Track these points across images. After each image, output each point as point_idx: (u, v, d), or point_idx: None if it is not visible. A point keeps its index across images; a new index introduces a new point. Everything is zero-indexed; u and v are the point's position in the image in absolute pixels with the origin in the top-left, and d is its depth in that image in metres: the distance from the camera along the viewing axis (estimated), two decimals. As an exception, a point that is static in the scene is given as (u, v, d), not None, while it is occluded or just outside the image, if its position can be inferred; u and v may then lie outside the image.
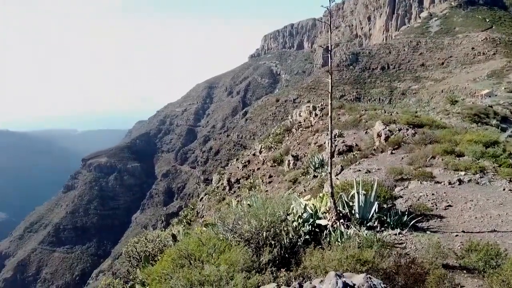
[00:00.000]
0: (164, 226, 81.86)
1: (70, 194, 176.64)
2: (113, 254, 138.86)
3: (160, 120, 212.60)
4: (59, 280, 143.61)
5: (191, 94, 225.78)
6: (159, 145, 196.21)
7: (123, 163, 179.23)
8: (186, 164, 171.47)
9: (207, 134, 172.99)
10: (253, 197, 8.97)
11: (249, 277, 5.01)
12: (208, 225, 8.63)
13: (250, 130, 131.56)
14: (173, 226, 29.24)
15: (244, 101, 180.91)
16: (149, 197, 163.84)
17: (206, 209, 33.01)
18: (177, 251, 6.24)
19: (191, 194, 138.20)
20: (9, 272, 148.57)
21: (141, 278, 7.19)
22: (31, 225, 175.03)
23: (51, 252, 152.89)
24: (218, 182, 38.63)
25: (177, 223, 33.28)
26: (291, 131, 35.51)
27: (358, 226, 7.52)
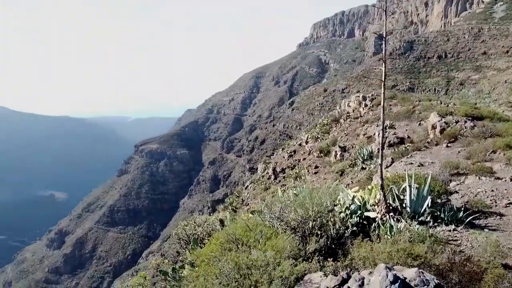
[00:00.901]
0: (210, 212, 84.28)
1: (124, 178, 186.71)
2: (162, 236, 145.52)
3: (208, 109, 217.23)
4: (112, 258, 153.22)
5: (238, 84, 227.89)
6: (206, 133, 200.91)
7: (173, 150, 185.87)
8: (232, 152, 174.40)
9: (253, 123, 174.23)
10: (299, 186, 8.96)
11: (295, 264, 5.05)
12: (254, 212, 8.77)
13: (296, 120, 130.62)
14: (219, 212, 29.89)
15: (291, 90, 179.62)
16: (196, 184, 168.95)
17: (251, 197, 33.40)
18: (225, 235, 6.41)
19: (237, 182, 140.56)
20: (68, 248, 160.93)
21: (190, 259, 7.48)
22: (88, 205, 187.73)
23: (106, 231, 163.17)
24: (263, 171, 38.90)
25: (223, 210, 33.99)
26: (339, 121, 34.79)
27: (409, 220, 7.26)
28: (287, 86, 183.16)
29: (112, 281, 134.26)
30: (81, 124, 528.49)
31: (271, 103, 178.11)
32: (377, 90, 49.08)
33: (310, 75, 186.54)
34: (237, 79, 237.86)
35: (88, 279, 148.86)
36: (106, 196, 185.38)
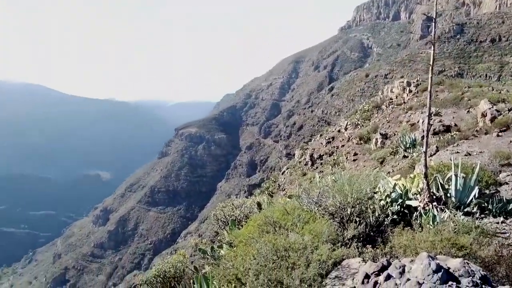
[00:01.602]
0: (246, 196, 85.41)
1: (164, 160, 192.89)
2: (199, 217, 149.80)
3: (246, 94, 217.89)
4: (153, 236, 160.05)
5: (277, 69, 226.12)
6: (244, 118, 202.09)
7: (211, 134, 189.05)
8: (269, 137, 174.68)
9: (291, 109, 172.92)
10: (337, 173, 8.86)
11: (333, 249, 5.03)
12: (292, 196, 8.80)
13: (335, 106, 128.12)
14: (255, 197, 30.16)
15: (331, 76, 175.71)
16: (233, 168, 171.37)
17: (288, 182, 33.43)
18: (263, 218, 6.49)
19: (273, 167, 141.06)
20: (112, 225, 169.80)
21: (228, 239, 7.66)
22: (130, 185, 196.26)
23: (147, 211, 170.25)
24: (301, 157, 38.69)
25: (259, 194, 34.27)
26: (380, 108, 33.73)
27: (454, 210, 6.98)
28: (327, 71, 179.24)
29: (152, 258, 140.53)
30: (125, 108, 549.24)
31: (310, 89, 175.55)
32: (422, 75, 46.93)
33: (352, 60, 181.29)
34: (276, 64, 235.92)
35: (130, 255, 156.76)
36: (148, 177, 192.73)
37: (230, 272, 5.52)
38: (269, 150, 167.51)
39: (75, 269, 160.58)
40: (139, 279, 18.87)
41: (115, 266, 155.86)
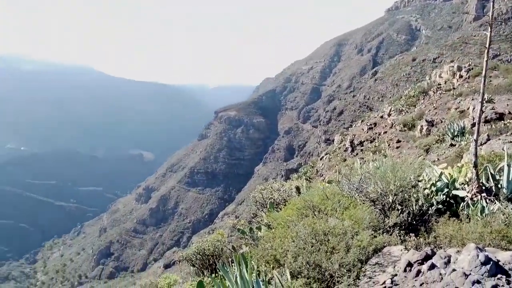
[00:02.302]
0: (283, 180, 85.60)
1: (203, 142, 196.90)
2: (236, 200, 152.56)
3: (286, 78, 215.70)
4: (191, 216, 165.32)
5: (318, 52, 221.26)
6: (283, 102, 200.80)
7: (250, 117, 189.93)
8: (308, 122, 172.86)
9: (332, 93, 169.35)
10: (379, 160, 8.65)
11: (374, 236, 4.96)
12: (331, 181, 8.72)
13: (378, 91, 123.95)
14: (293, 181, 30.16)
15: (375, 59, 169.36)
16: (271, 152, 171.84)
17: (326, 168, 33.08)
18: (302, 202, 6.50)
19: (311, 153, 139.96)
20: (154, 203, 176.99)
21: (267, 221, 7.77)
22: (171, 166, 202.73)
23: (187, 191, 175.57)
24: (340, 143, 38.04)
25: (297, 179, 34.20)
26: (427, 93, 32.22)
27: (505, 202, 6.62)
28: (371, 54, 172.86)
29: (191, 236, 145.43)
30: (169, 90, 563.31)
31: (352, 73, 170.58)
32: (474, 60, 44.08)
33: (398, 43, 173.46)
34: (317, 48, 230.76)
35: (170, 233, 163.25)
36: (188, 158, 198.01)
37: (269, 253, 5.61)
38: (308, 135, 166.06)
39: (119, 243, 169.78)
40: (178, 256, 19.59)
41: (156, 242, 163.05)
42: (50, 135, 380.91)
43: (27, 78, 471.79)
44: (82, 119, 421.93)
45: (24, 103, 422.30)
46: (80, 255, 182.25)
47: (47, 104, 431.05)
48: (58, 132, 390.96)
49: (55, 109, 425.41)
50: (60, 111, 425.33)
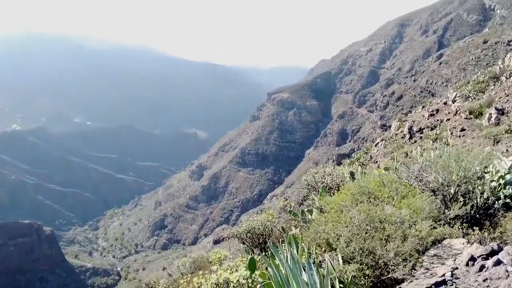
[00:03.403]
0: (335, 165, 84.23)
1: (255, 123, 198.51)
2: (286, 182, 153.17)
3: (342, 60, 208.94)
4: (241, 195, 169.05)
5: (379, 33, 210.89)
6: (338, 85, 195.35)
7: (303, 100, 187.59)
8: (363, 107, 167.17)
9: (391, 77, 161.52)
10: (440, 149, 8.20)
11: (434, 227, 4.76)
12: (388, 168, 8.43)
13: (443, 76, 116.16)
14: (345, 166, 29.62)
15: (441, 41, 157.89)
16: (323, 136, 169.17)
17: (381, 155, 31.98)
18: (357, 187, 6.37)
19: (365, 138, 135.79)
20: (206, 181, 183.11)
21: (319, 205, 7.72)
22: (223, 145, 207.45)
23: (237, 171, 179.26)
24: (397, 129, 36.42)
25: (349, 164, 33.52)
26: (499, 79, 29.62)
27: None
28: (437, 36, 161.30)
29: (240, 215, 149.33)
30: (223, 71, 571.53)
31: (414, 55, 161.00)
32: (558, 43, 39.53)
33: (468, 24, 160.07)
34: (378, 28, 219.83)
35: (220, 210, 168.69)
36: (239, 139, 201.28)
37: (321, 236, 5.61)
38: (363, 120, 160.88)
39: (172, 216, 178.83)
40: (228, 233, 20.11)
41: (206, 218, 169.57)
42: (113, 111, 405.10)
43: (90, 57, 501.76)
44: (141, 97, 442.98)
45: (89, 80, 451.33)
46: (137, 225, 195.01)
47: (110, 82, 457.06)
48: (120, 109, 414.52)
49: (117, 87, 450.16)
50: (122, 89, 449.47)
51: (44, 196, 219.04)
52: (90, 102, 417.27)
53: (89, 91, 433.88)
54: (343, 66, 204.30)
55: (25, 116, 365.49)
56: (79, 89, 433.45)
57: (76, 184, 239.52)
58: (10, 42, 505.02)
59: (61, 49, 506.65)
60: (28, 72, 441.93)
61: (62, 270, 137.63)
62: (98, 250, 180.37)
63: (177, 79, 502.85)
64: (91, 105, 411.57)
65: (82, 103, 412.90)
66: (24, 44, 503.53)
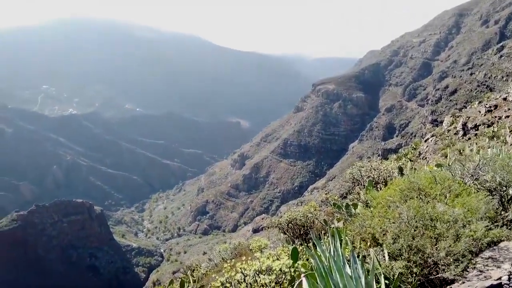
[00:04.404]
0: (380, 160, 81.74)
1: (299, 115, 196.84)
2: (327, 175, 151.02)
3: (393, 51, 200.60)
4: (281, 186, 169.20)
5: (434, 23, 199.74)
6: (387, 77, 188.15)
7: (349, 92, 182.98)
8: (413, 100, 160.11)
9: (445, 70, 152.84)
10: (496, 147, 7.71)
11: (490, 228, 4.51)
12: (440, 165, 8.07)
13: (503, 69, 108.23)
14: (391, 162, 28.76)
15: (503, 32, 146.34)
16: (369, 129, 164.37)
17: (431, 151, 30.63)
18: (406, 183, 6.16)
19: (414, 133, 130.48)
20: (247, 170, 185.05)
21: (364, 199, 7.58)
22: (266, 136, 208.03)
23: (279, 161, 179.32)
24: (450, 125, 34.61)
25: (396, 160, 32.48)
26: None
27: None
28: (499, 27, 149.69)
29: (280, 206, 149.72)
30: (268, 61, 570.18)
31: (472, 47, 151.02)
32: None
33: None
34: (434, 18, 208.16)
35: (260, 200, 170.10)
36: (282, 129, 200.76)
37: (366, 230, 5.51)
38: (412, 114, 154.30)
39: (214, 203, 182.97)
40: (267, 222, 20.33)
41: (247, 207, 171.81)
42: (161, 99, 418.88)
43: (140, 45, 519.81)
44: (188, 86, 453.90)
45: (139, 68, 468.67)
46: (180, 210, 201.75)
47: (158, 70, 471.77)
48: (168, 96, 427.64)
49: (165, 75, 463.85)
50: (170, 77, 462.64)
51: (96, 178, 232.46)
52: (140, 89, 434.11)
53: (139, 78, 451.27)
54: (394, 57, 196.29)
55: (81, 101, 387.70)
56: (130, 76, 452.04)
57: (125, 167, 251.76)
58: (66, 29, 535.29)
59: (113, 37, 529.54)
60: (83, 59, 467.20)
61: (110, 248, 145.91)
62: (143, 231, 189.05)
63: (223, 69, 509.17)
64: (141, 92, 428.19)
65: (133, 90, 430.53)
66: (79, 31, 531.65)
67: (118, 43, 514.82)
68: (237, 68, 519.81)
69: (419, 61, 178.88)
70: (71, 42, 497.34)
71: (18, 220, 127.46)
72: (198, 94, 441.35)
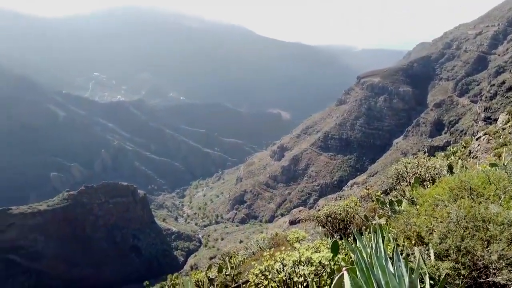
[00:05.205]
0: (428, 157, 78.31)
1: (341, 107, 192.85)
2: (369, 170, 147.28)
3: (445, 43, 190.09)
4: (320, 179, 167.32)
5: (493, 14, 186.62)
6: (438, 71, 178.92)
7: (395, 85, 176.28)
8: (465, 96, 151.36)
9: (503, 64, 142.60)
10: None
11: (551, 234, 4.20)
12: (495, 165, 7.61)
13: None
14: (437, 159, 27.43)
15: None
16: (415, 125, 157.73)
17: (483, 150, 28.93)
18: (457, 181, 5.87)
19: (464, 131, 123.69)
20: (286, 161, 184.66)
21: (409, 196, 7.32)
22: (306, 128, 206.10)
23: (318, 154, 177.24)
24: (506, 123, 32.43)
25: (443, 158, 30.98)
26: None
27: None
28: None
29: (318, 199, 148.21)
30: (312, 52, 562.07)
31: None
32: None
33: None
34: (492, 9, 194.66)
35: (298, 192, 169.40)
36: (323, 122, 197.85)
37: (411, 228, 5.33)
38: (463, 110, 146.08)
39: (252, 193, 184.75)
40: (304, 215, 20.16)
41: (284, 198, 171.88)
42: (204, 88, 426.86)
43: (186, 35, 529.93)
44: (231, 76, 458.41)
45: (184, 58, 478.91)
46: (219, 198, 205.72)
47: (203, 59, 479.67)
48: (211, 86, 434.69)
49: (209, 65, 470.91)
50: (213, 67, 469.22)
51: (141, 162, 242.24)
52: (185, 78, 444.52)
53: (184, 67, 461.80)
54: (446, 50, 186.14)
55: (128, 88, 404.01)
56: (175, 66, 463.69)
57: (168, 154, 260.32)
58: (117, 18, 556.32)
59: (160, 26, 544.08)
60: (132, 48, 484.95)
61: (152, 231, 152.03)
62: (183, 216, 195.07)
63: (266, 59, 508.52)
64: (185, 81, 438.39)
65: (177, 79, 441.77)
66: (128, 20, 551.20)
67: (166, 32, 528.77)
68: (280, 59, 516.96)
69: (473, 55, 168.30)
70: (120, 31, 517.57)
71: (68, 199, 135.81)
72: (241, 84, 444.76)
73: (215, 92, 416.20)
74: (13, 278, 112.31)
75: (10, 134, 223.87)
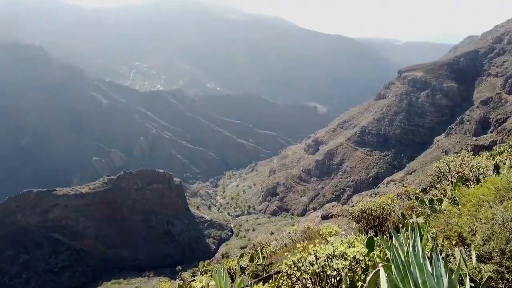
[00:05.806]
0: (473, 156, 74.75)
1: (380, 102, 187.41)
2: (406, 168, 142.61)
3: (496, 37, 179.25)
4: (355, 175, 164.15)
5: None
6: (486, 66, 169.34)
7: (439, 81, 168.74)
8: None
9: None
10: None
11: None
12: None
13: None
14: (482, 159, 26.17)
15: None
16: (459, 123, 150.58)
17: (532, 151, 27.16)
18: (504, 182, 5.59)
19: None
20: (320, 155, 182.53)
21: (451, 195, 7.05)
22: (343, 122, 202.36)
23: (354, 150, 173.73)
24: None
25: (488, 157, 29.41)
26: None
27: None
28: None
29: (352, 195, 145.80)
30: (350, 44, 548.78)
31: None
32: None
33: None
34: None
35: (332, 187, 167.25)
36: (361, 117, 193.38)
37: (453, 228, 5.16)
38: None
39: (284, 186, 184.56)
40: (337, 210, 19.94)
41: (317, 193, 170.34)
42: (240, 79, 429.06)
43: (225, 26, 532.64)
44: (268, 67, 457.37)
45: (222, 49, 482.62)
46: (251, 189, 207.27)
47: (240, 51, 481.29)
48: (247, 77, 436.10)
49: (247, 56, 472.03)
50: (251, 59, 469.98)
51: (177, 151, 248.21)
52: (223, 69, 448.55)
53: (222, 58, 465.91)
54: (496, 44, 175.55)
55: (167, 78, 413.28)
56: (212, 56, 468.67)
57: (203, 143, 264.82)
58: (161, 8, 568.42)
59: (199, 17, 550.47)
60: (172, 38, 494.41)
61: (185, 218, 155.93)
62: (216, 205, 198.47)
63: (304, 51, 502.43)
64: (223, 72, 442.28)
65: (215, 69, 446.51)
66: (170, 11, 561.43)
67: (205, 23, 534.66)
68: (320, 51, 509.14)
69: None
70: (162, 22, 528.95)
71: (108, 183, 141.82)
72: (279, 76, 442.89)
73: (253, 84, 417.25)
74: (56, 255, 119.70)
75: (58, 120, 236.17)
